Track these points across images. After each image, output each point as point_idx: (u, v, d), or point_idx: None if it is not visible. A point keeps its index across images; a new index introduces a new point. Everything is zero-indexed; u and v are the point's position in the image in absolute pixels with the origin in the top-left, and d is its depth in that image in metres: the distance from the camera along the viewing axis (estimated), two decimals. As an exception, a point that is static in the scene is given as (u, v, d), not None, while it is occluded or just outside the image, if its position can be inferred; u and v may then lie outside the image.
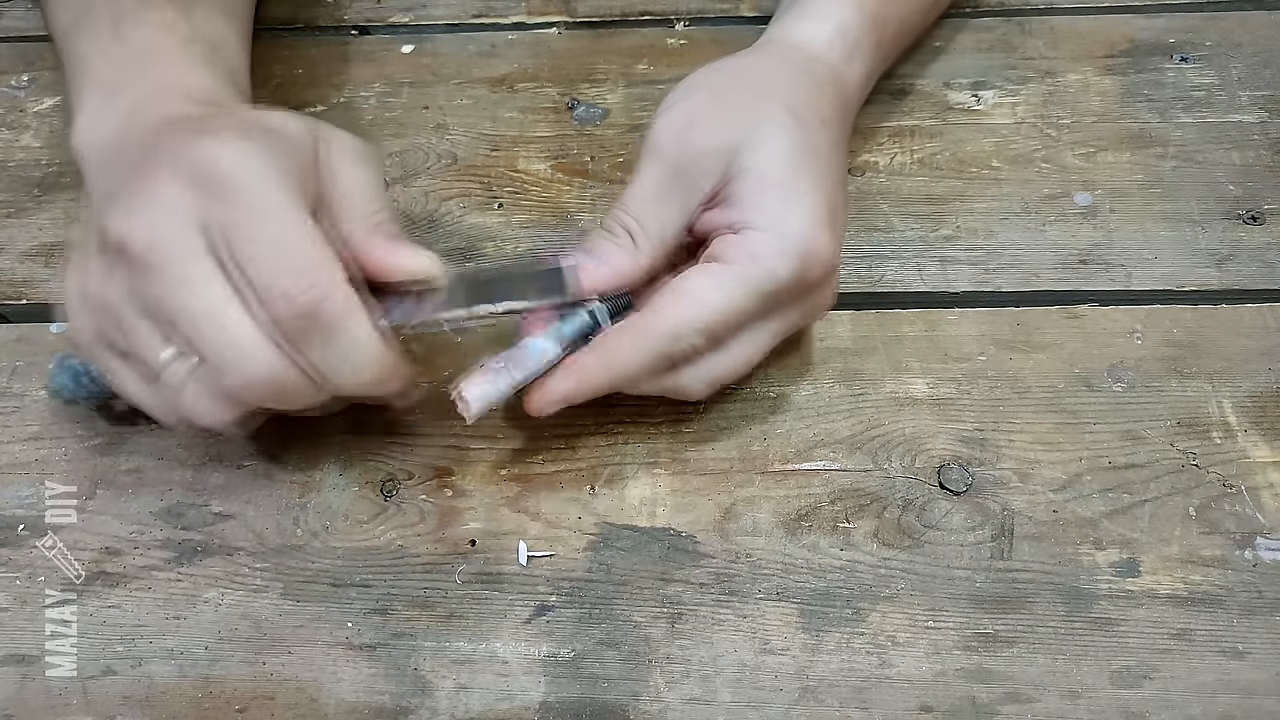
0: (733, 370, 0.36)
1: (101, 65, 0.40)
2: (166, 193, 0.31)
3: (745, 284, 0.34)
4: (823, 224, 0.35)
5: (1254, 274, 0.43)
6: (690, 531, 0.37)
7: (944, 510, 0.37)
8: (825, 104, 0.39)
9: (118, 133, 0.37)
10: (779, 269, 0.34)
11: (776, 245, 0.34)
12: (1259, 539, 0.36)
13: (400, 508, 0.38)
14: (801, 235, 0.34)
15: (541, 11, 0.56)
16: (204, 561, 0.37)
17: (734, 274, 0.34)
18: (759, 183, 0.35)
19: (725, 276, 0.34)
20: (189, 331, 0.31)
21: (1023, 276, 0.43)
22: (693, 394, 0.36)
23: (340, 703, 0.34)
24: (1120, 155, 0.47)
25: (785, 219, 0.34)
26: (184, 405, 0.33)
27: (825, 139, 0.37)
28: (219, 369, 0.31)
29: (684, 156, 0.36)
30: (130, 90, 0.38)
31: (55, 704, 0.34)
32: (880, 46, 0.45)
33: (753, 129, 0.36)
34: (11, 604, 0.36)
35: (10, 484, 0.39)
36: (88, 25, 0.41)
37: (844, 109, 0.41)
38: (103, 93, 0.39)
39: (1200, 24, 0.53)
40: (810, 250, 0.34)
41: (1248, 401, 0.39)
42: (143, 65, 0.39)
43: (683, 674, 0.34)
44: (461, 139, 0.50)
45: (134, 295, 0.32)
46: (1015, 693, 0.33)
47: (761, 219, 0.34)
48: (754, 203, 0.35)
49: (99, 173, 0.37)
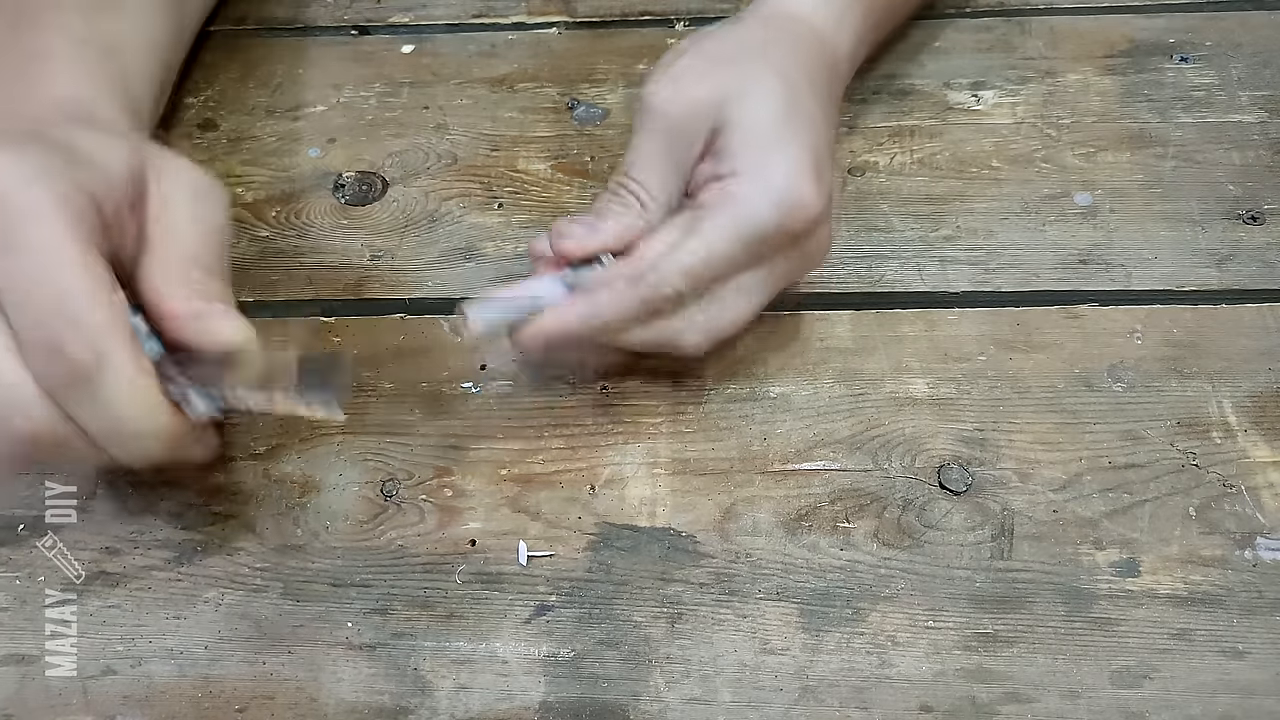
0: (727, 322, 0.36)
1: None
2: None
3: (724, 227, 0.34)
4: (806, 173, 0.35)
5: (1254, 274, 0.43)
6: (690, 531, 0.37)
7: (944, 510, 0.37)
8: (812, 67, 0.39)
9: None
10: (759, 213, 0.34)
11: (758, 191, 0.35)
12: (1259, 539, 0.36)
13: (400, 508, 0.38)
14: (784, 183, 0.35)
15: (541, 11, 0.56)
16: (204, 561, 0.37)
17: (712, 216, 0.35)
18: (744, 134, 0.36)
19: (704, 219, 0.35)
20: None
21: (1023, 276, 0.43)
22: (689, 346, 0.36)
23: (340, 703, 0.34)
24: (1120, 155, 0.47)
25: (767, 166, 0.35)
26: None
27: (812, 99, 0.38)
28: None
29: (677, 116, 0.36)
30: (4, 99, 0.36)
31: (55, 704, 0.34)
32: (870, 13, 0.44)
33: (740, 85, 0.36)
34: (11, 604, 0.36)
35: (10, 484, 0.39)
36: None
37: (831, 75, 0.41)
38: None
39: (1200, 24, 0.53)
40: (793, 198, 0.35)
41: (1248, 401, 0.39)
42: (23, 71, 0.37)
43: (683, 674, 0.34)
44: (461, 139, 0.50)
45: None
46: (1015, 693, 0.33)
47: (744, 166, 0.35)
48: (738, 153, 0.35)
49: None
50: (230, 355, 0.30)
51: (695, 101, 0.36)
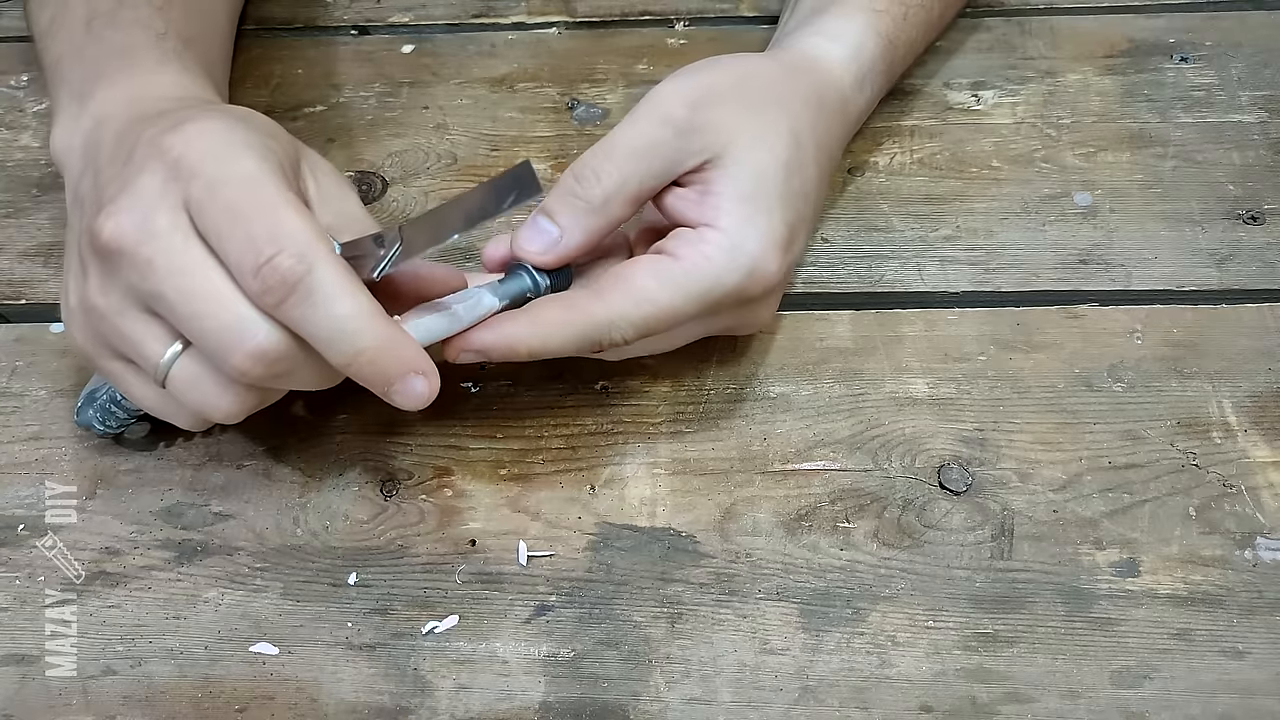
0: (648, 353, 0.38)
1: (74, 68, 0.39)
2: (147, 184, 0.31)
3: (689, 287, 0.34)
4: (778, 245, 0.35)
5: (1254, 274, 0.43)
6: (690, 531, 0.37)
7: (944, 510, 0.37)
8: (827, 131, 0.40)
9: (91, 136, 0.36)
10: (725, 278, 0.34)
11: (729, 257, 0.34)
12: (1259, 539, 0.36)
13: (400, 508, 0.38)
14: (757, 251, 0.35)
15: (541, 11, 0.56)
16: (204, 561, 0.37)
17: (683, 273, 0.34)
18: (737, 186, 0.35)
19: (673, 275, 0.34)
20: (186, 319, 0.30)
21: (1023, 276, 0.43)
22: (607, 360, 0.38)
23: (340, 703, 0.34)
24: (1120, 155, 0.47)
25: (747, 232, 0.35)
26: (193, 400, 0.32)
27: (816, 166, 0.38)
28: (219, 351, 0.30)
29: (688, 124, 0.36)
30: (102, 93, 0.38)
31: (55, 704, 0.34)
32: (890, 69, 0.45)
33: (752, 131, 0.36)
34: (11, 604, 0.36)
35: (10, 484, 0.39)
36: (63, 24, 0.41)
37: (844, 136, 0.42)
38: (76, 95, 0.38)
39: (1200, 24, 0.53)
40: (758, 268, 0.35)
41: (1248, 401, 0.39)
42: (115, 65, 0.39)
43: (683, 674, 0.34)
44: (461, 139, 0.50)
45: (131, 293, 0.31)
46: (1015, 693, 0.33)
47: (725, 223, 0.35)
48: (723, 206, 0.35)
49: (79, 178, 0.36)
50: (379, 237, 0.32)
51: (706, 125, 0.36)
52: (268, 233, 0.30)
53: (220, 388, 0.32)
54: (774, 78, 0.39)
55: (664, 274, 0.34)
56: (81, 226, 0.33)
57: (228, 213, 0.30)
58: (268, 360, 0.30)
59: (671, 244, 0.35)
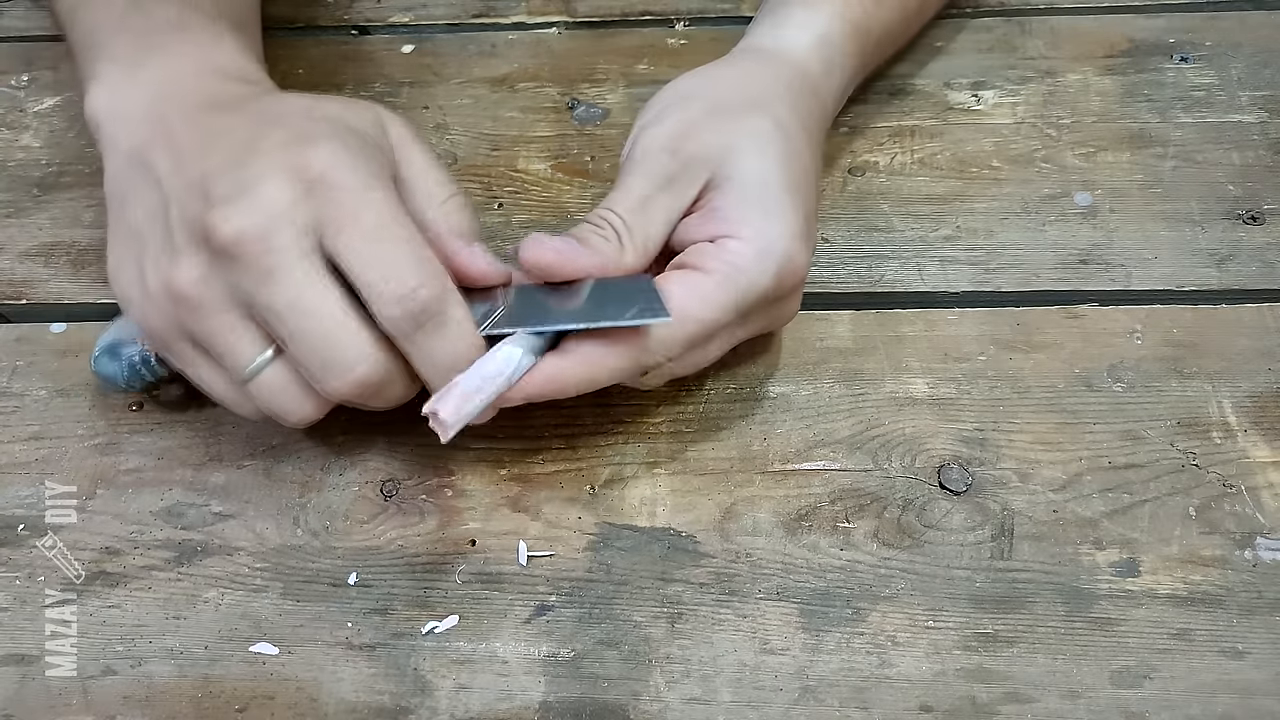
0: (688, 371, 0.37)
1: (116, 36, 0.39)
2: (276, 195, 0.31)
3: (728, 297, 0.34)
4: (801, 236, 0.35)
5: (1254, 274, 0.43)
6: (690, 531, 0.37)
7: (944, 510, 0.37)
8: (806, 113, 0.40)
9: (153, 107, 0.36)
10: (760, 280, 0.34)
11: (759, 257, 0.34)
12: (1259, 539, 0.36)
13: (400, 508, 0.38)
14: (782, 248, 0.35)
15: (541, 11, 0.56)
16: (204, 561, 0.37)
17: (714, 285, 0.34)
18: (742, 193, 0.35)
19: (709, 288, 0.34)
20: (294, 334, 0.31)
21: (1023, 276, 0.43)
22: (645, 387, 0.37)
23: (340, 703, 0.34)
24: (1120, 155, 0.47)
25: (767, 231, 0.35)
26: (272, 404, 0.33)
27: (807, 150, 0.38)
28: (321, 370, 0.31)
29: (673, 165, 0.36)
30: (158, 63, 0.37)
31: (55, 704, 0.34)
32: (861, 54, 0.45)
33: (738, 138, 0.36)
34: (11, 604, 0.36)
35: (10, 484, 0.39)
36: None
37: (822, 118, 0.42)
38: (124, 63, 0.38)
39: (1200, 24, 0.53)
40: (787, 264, 0.35)
41: (1248, 401, 0.39)
42: (168, 38, 0.38)
43: (683, 674, 0.34)
44: (461, 139, 0.50)
45: (236, 294, 0.31)
46: (1015, 693, 0.33)
47: (745, 230, 0.35)
48: (735, 213, 0.35)
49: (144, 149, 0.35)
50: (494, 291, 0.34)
51: (694, 154, 0.36)
52: (411, 264, 0.31)
53: (303, 397, 0.33)
54: (740, 79, 0.40)
55: (697, 288, 0.34)
56: (184, 213, 0.32)
57: (370, 241, 0.31)
58: (365, 385, 0.32)
59: (694, 259, 0.35)
